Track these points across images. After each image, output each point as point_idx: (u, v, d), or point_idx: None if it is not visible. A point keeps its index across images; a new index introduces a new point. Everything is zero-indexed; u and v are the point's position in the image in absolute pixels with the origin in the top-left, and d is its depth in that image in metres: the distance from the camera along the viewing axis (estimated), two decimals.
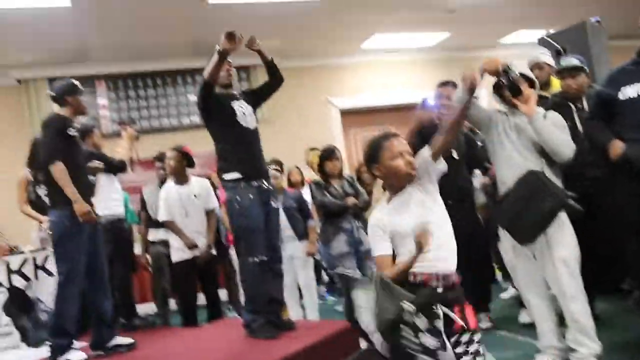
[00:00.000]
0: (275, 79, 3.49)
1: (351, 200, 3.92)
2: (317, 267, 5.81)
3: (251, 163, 3.27)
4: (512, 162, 2.89)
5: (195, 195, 4.32)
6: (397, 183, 2.12)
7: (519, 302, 3.76)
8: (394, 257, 2.11)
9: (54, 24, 5.25)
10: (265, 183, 3.32)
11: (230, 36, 3.07)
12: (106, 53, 6.28)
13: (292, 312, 4.41)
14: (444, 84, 3.49)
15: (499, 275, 5.23)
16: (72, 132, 3.34)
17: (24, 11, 4.85)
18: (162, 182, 4.63)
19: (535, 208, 2.75)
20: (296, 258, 4.40)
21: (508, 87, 2.79)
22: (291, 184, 5.51)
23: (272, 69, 3.46)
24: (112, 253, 4.12)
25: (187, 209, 4.29)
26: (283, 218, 4.05)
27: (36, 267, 4.06)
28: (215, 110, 3.25)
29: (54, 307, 3.27)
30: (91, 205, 3.35)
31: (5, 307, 3.82)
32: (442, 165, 2.13)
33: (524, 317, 3.73)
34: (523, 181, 2.81)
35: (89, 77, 6.57)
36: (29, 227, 4.56)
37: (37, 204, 4.37)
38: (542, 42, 4.73)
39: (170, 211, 4.30)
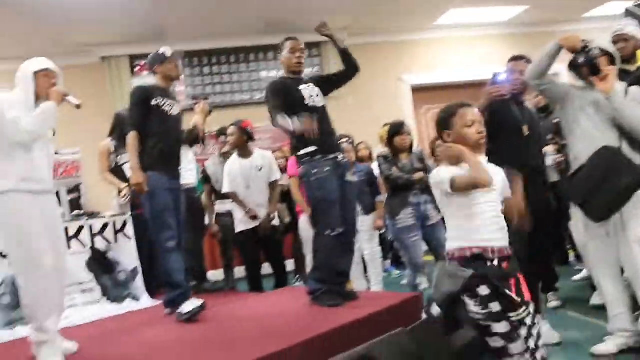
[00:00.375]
0: (350, 68, 3.47)
1: (419, 175, 3.90)
2: (383, 242, 5.82)
3: (326, 138, 3.31)
4: (588, 138, 2.78)
5: (259, 169, 4.45)
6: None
7: (591, 285, 3.63)
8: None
9: (135, 3, 5.48)
10: (340, 156, 3.36)
11: None
12: (183, 31, 6.49)
13: (356, 284, 4.47)
14: (517, 58, 3.35)
15: (572, 256, 5.07)
16: (155, 101, 3.37)
17: None
18: (223, 155, 4.79)
19: (611, 184, 2.63)
20: (362, 231, 4.45)
21: (586, 66, 2.71)
22: (359, 158, 5.52)
23: (346, 57, 3.45)
24: (185, 220, 4.31)
25: (248, 181, 4.42)
26: None
27: (116, 230, 4.31)
28: (285, 100, 3.31)
29: (161, 265, 3.36)
30: (176, 173, 3.48)
31: (88, 265, 4.10)
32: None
33: (595, 300, 3.59)
34: (597, 156, 2.70)
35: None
36: (110, 194, 4.84)
37: (117, 172, 4.65)
38: (629, 12, 4.42)
39: (233, 183, 4.45)
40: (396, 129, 4.06)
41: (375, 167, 5.16)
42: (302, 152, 3.30)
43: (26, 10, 5.30)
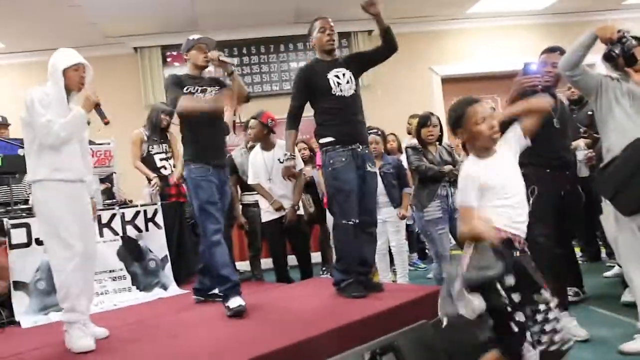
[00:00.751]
0: (389, 46, 3.37)
1: (448, 167, 3.86)
2: (410, 235, 5.80)
3: (346, 128, 3.30)
4: (621, 130, 2.73)
5: (280, 160, 4.46)
6: (481, 146, 2.14)
7: (622, 281, 3.54)
8: None
9: None
10: (361, 147, 3.34)
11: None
12: (214, 22, 6.54)
13: (382, 276, 4.47)
14: (551, 50, 3.27)
15: (603, 253, 4.96)
16: (186, 90, 3.30)
17: None
18: (248, 147, 4.83)
19: None
20: (389, 222, 4.46)
21: (622, 56, 2.66)
22: (387, 150, 5.50)
23: (388, 35, 3.34)
24: None
25: (271, 173, 4.45)
26: (379, 183, 4.08)
27: (147, 219, 4.40)
28: (311, 87, 3.34)
29: (208, 258, 3.30)
30: (220, 163, 3.39)
31: (119, 253, 4.20)
32: (528, 141, 2.22)
33: (626, 297, 3.51)
34: (631, 148, 2.65)
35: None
36: (141, 184, 4.93)
37: (148, 161, 4.76)
38: None
39: (257, 175, 4.49)
40: (424, 122, 4.03)
41: (403, 158, 5.14)
42: (321, 140, 3.32)
43: (63, 3, 5.42)
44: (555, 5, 7.22)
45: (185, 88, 3.30)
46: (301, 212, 4.64)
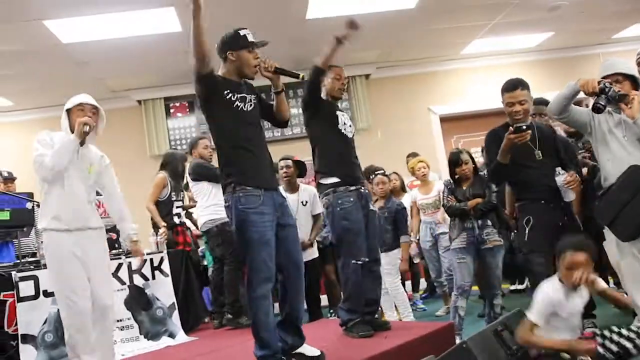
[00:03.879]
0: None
1: (472, 203, 3.86)
2: (414, 275, 5.81)
3: (350, 169, 3.38)
4: (616, 158, 2.81)
5: (303, 203, 4.53)
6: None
7: (632, 311, 3.52)
8: None
9: (168, 48, 5.73)
10: (363, 187, 3.41)
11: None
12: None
13: (387, 315, 4.46)
14: (513, 87, 3.34)
15: (611, 283, 4.92)
16: (227, 94, 2.76)
17: (139, 39, 5.35)
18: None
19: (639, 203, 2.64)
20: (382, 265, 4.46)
21: (609, 103, 2.76)
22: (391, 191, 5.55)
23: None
24: (222, 254, 4.43)
25: (296, 215, 4.50)
26: None
27: (153, 267, 4.43)
28: (322, 112, 3.39)
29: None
30: (268, 177, 2.83)
31: (127, 302, 4.20)
32: None
33: (636, 324, 3.48)
34: (626, 176, 2.72)
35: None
36: (147, 231, 4.98)
37: (167, 206, 4.84)
38: None
39: None
40: (455, 161, 4.01)
41: (405, 198, 5.19)
42: (326, 181, 3.35)
43: (68, 60, 5.61)
44: (547, 42, 7.41)
45: (226, 92, 2.76)
46: (316, 254, 4.66)
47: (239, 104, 2.77)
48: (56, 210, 2.81)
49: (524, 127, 3.01)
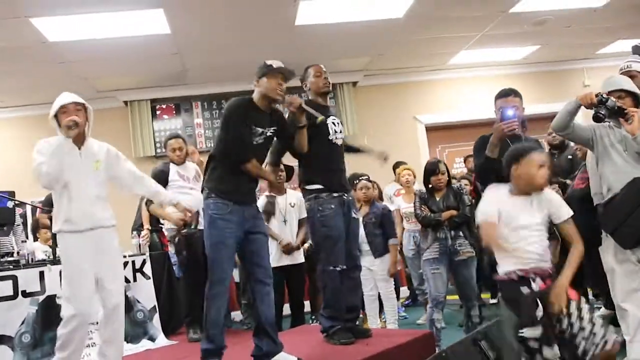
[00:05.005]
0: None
1: (446, 214, 3.90)
2: (395, 283, 5.81)
3: (335, 176, 3.39)
4: (619, 171, 2.91)
5: (291, 204, 4.55)
6: (525, 188, 2.38)
7: (611, 321, 3.56)
8: None
9: (155, 50, 5.73)
10: (346, 195, 3.41)
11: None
12: (203, 75, 6.72)
13: (371, 322, 4.47)
14: (505, 94, 3.36)
15: (590, 294, 4.98)
16: (253, 130, 2.97)
17: (127, 39, 5.32)
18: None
19: None
20: (375, 271, 4.48)
21: (607, 117, 2.86)
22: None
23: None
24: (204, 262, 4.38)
25: (285, 217, 4.53)
26: (362, 231, 4.13)
27: (135, 270, 4.39)
28: (316, 132, 3.31)
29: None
30: (245, 193, 3.02)
31: None
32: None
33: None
34: (630, 187, 2.82)
35: (186, 98, 7.11)
36: (128, 234, 4.94)
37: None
38: (636, 49, 4.51)
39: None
40: (432, 169, 4.05)
41: (389, 205, 5.22)
42: (309, 187, 3.36)
43: (55, 59, 5.57)
44: (533, 55, 7.51)
45: (252, 128, 2.97)
46: (302, 259, 4.69)
47: (253, 138, 2.99)
48: (67, 212, 2.87)
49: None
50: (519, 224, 2.37)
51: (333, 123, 3.42)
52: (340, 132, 3.47)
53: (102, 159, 3.07)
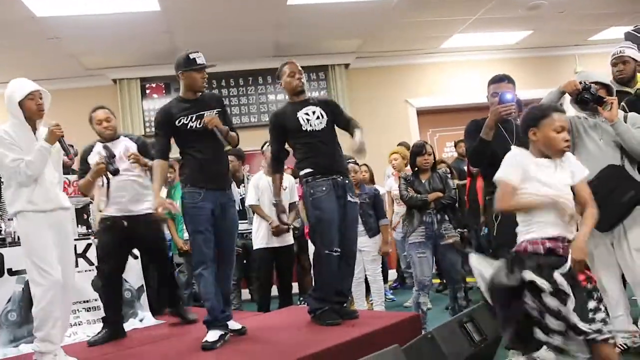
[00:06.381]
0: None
1: (433, 196, 3.92)
2: (383, 265, 5.85)
3: (323, 160, 3.37)
4: (594, 158, 2.99)
5: (283, 187, 4.54)
6: (546, 152, 2.24)
7: None
8: None
9: (145, 27, 5.65)
10: (341, 177, 3.40)
11: None
12: None
13: (358, 304, 4.50)
14: (499, 79, 3.35)
15: None
16: (179, 122, 3.17)
17: (117, 16, 5.25)
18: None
19: (616, 197, 2.91)
20: (365, 252, 4.49)
21: (592, 100, 3.01)
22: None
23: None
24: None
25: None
26: None
27: None
28: (284, 129, 3.46)
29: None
30: (213, 178, 3.18)
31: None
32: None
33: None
34: (604, 173, 2.94)
35: (176, 77, 7.01)
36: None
37: None
38: (628, 36, 4.51)
39: (260, 198, 4.61)
40: (418, 150, 4.09)
41: (380, 188, 5.23)
42: (301, 172, 3.40)
43: (42, 34, 5.48)
44: (525, 41, 7.50)
45: (177, 121, 3.17)
46: (291, 241, 4.72)
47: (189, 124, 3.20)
48: (29, 194, 2.88)
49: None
50: (547, 182, 2.20)
51: (306, 114, 3.40)
52: (319, 117, 3.41)
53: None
